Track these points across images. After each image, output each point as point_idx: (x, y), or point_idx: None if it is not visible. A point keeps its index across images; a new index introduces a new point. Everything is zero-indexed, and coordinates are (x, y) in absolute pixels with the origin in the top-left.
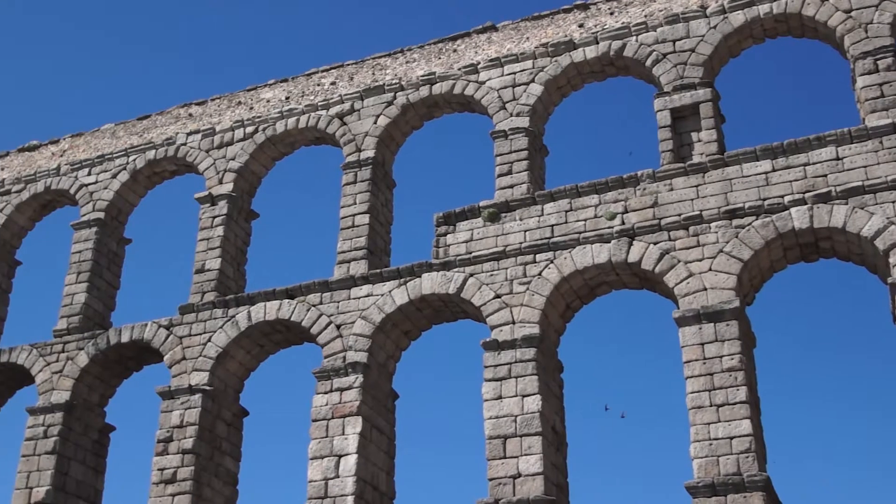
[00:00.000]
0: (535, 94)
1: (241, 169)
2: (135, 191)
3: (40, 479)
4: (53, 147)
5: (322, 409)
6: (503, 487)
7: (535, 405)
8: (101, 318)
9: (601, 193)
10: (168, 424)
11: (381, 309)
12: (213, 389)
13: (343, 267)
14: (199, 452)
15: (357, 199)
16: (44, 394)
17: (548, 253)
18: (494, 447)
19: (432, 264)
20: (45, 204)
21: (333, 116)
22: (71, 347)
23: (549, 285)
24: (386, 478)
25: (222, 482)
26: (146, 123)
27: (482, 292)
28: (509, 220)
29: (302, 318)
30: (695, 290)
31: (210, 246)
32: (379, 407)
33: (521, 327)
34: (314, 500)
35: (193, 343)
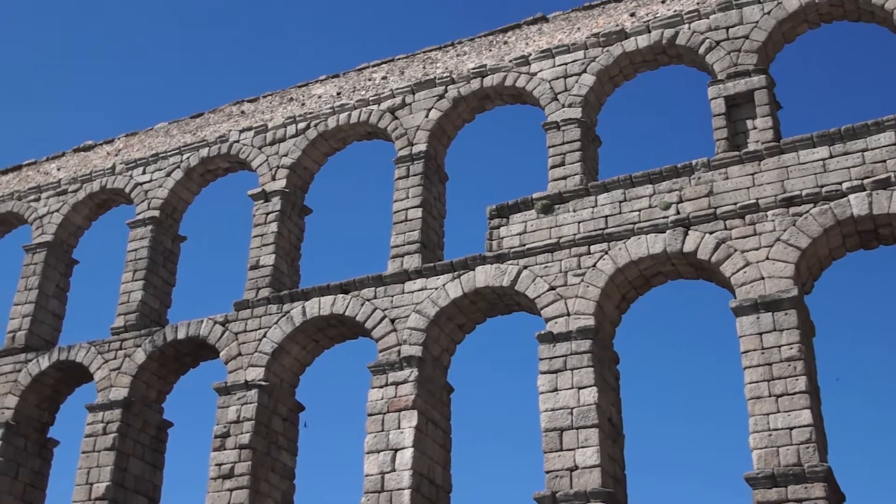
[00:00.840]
0: (588, 84)
1: (294, 165)
2: (189, 188)
3: (100, 475)
4: (108, 147)
5: (378, 403)
6: (560, 480)
7: (591, 397)
8: (157, 315)
9: (655, 183)
10: (225, 420)
11: (435, 303)
12: (268, 385)
13: (397, 261)
14: (256, 447)
15: (410, 194)
16: (102, 391)
17: (602, 244)
18: (551, 440)
19: (486, 257)
20: (101, 203)
21: (385, 111)
22: (128, 345)
23: (604, 276)
24: (442, 471)
25: (279, 477)
26: (199, 121)
27: (536, 284)
28: (563, 212)
29: (356, 313)
30: (752, 280)
31: (264, 242)
32: (434, 400)
33: (576, 319)
34: (371, 494)
35: (249, 339)
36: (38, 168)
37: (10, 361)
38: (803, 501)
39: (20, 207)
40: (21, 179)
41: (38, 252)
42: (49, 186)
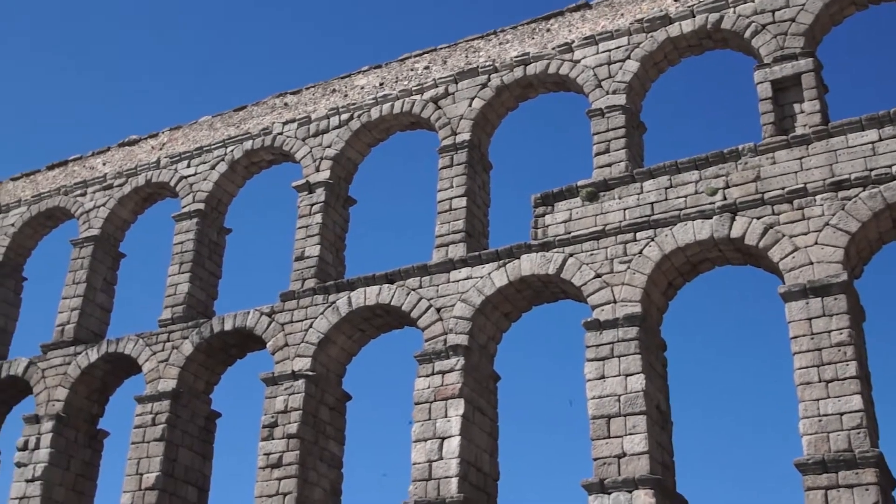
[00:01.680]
0: (632, 70)
1: (338, 156)
2: (233, 181)
3: (150, 465)
4: (153, 141)
5: (424, 392)
6: (608, 467)
7: (638, 384)
8: (204, 307)
9: (701, 169)
10: (273, 410)
11: (480, 291)
12: (315, 375)
13: (441, 250)
14: (304, 437)
15: (454, 183)
16: (151, 382)
17: (648, 231)
18: (598, 427)
19: (531, 245)
20: (147, 197)
21: (428, 101)
22: (176, 336)
23: (651, 263)
24: (489, 459)
25: (327, 466)
26: (242, 114)
27: (582, 272)
28: (608, 199)
29: (402, 303)
30: (801, 265)
31: (309, 233)
32: (481, 389)
33: (623, 306)
34: (419, 482)
35: (295, 329)
36: (84, 163)
37: (60, 354)
38: (854, 487)
39: (67, 202)
40: (67, 174)
41: (85, 246)
42: (95, 181)
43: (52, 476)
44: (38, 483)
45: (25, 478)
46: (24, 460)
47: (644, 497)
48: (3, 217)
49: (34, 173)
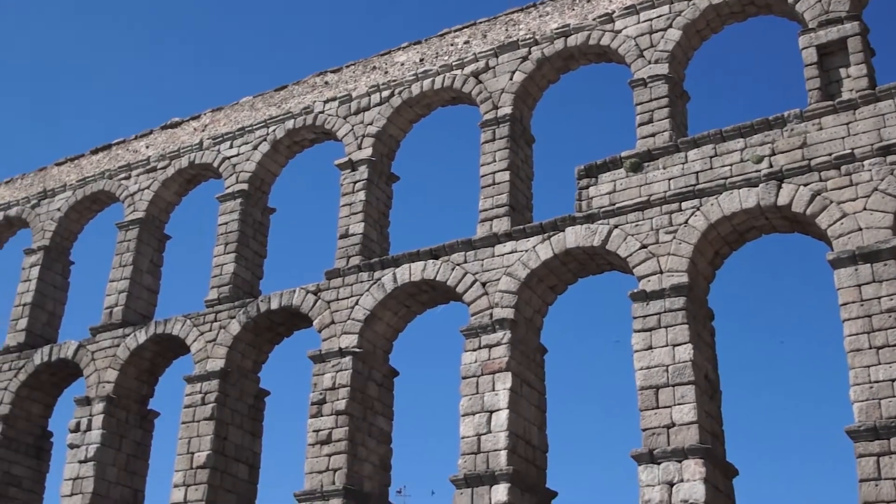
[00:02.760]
0: (674, 39)
1: (379, 133)
2: (276, 161)
3: (201, 444)
4: (195, 123)
5: (472, 366)
6: (657, 437)
7: (686, 354)
8: (249, 286)
9: (747, 137)
10: (321, 387)
11: (525, 265)
12: (362, 351)
13: (486, 225)
14: (353, 413)
15: (496, 157)
16: (199, 362)
17: (693, 200)
18: (647, 397)
19: (575, 217)
20: (190, 178)
21: (469, 75)
22: (223, 316)
23: (697, 233)
24: (538, 432)
25: (376, 441)
26: (283, 94)
27: (628, 243)
28: (652, 169)
29: (447, 278)
30: (849, 231)
31: (352, 211)
32: (528, 362)
33: (669, 276)
34: (468, 456)
35: (341, 307)
36: (128, 146)
37: (109, 336)
38: None
39: (111, 186)
40: (111, 158)
41: (130, 229)
42: (139, 164)
43: (105, 456)
44: (91, 464)
45: (78, 459)
46: (76, 442)
47: (694, 467)
48: (50, 202)
49: (79, 158)
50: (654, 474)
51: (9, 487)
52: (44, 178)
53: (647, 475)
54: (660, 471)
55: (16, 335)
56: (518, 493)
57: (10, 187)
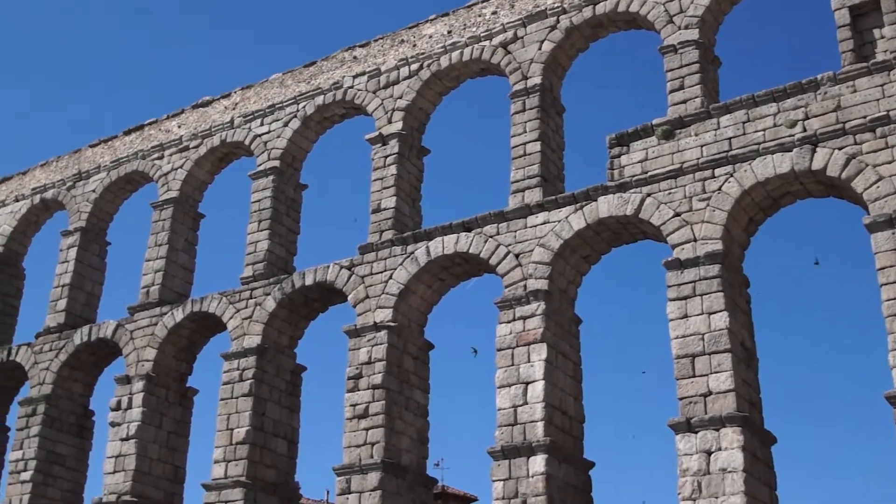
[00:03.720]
0: (704, 4)
1: (409, 107)
2: (307, 137)
3: (240, 420)
4: (225, 101)
5: (506, 338)
6: (694, 406)
7: (722, 322)
8: (284, 263)
9: (779, 101)
10: (357, 362)
11: (558, 235)
12: (397, 325)
13: (518, 196)
14: (389, 387)
15: (527, 128)
16: (236, 339)
17: (727, 167)
18: (683, 366)
19: (608, 187)
20: (222, 157)
21: (497, 46)
22: (258, 293)
23: (730, 200)
24: (574, 402)
25: (413, 414)
26: (312, 70)
27: (661, 211)
28: (684, 137)
29: (480, 250)
30: (885, 194)
31: (384, 185)
32: (563, 333)
33: (704, 244)
34: (504, 428)
35: (375, 281)
36: (160, 126)
37: (147, 315)
38: None
39: (145, 166)
40: (144, 138)
41: (165, 208)
42: (171, 144)
43: (146, 434)
44: (132, 441)
45: (120, 437)
46: (117, 420)
47: (732, 435)
48: (85, 183)
49: (112, 139)
50: (692, 443)
51: (53, 466)
52: (78, 159)
53: (685, 444)
54: (697, 439)
55: (56, 316)
56: (555, 463)
57: (46, 170)
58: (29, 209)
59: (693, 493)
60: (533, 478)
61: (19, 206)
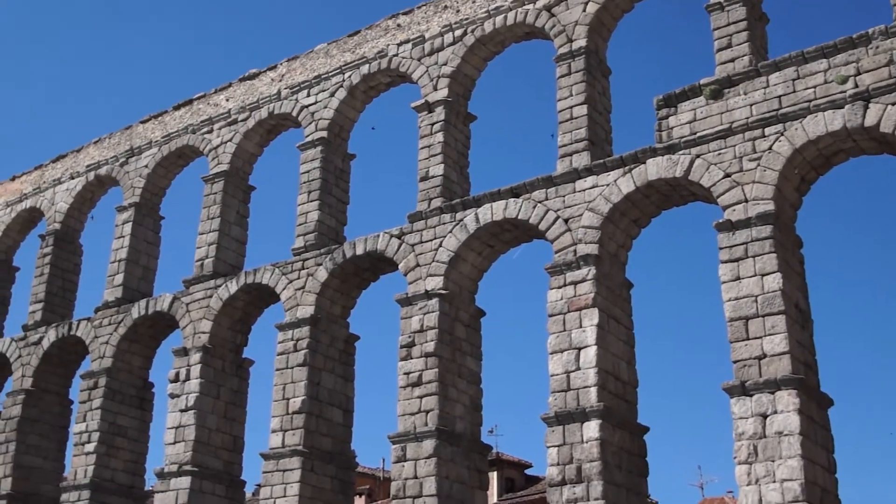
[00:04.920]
0: None
1: (454, 73)
2: (353, 106)
3: (295, 390)
4: (272, 73)
5: (558, 303)
6: (748, 369)
7: (775, 283)
8: (334, 233)
9: (830, 57)
10: (409, 330)
11: (607, 199)
12: (448, 293)
13: (565, 160)
14: (441, 355)
15: (573, 91)
16: (290, 310)
17: (777, 125)
18: (736, 329)
19: (656, 149)
20: (270, 129)
21: (541, 9)
22: (310, 264)
23: (781, 159)
24: (627, 367)
25: (466, 382)
26: (357, 39)
27: (711, 173)
28: (733, 96)
29: (529, 216)
30: None
31: (432, 153)
32: (614, 297)
33: (755, 205)
34: (558, 394)
35: (425, 249)
36: (208, 100)
37: (202, 288)
38: None
39: (195, 140)
40: (193, 113)
41: (216, 182)
42: (220, 117)
43: (204, 405)
44: (191, 412)
45: (179, 408)
46: (176, 391)
47: (787, 397)
48: (137, 159)
49: (162, 114)
50: (747, 406)
51: (115, 437)
52: (130, 136)
53: (740, 408)
54: (752, 403)
55: (113, 290)
56: (610, 428)
57: (99, 147)
58: (84, 186)
59: (749, 456)
60: (587, 443)
61: (74, 183)
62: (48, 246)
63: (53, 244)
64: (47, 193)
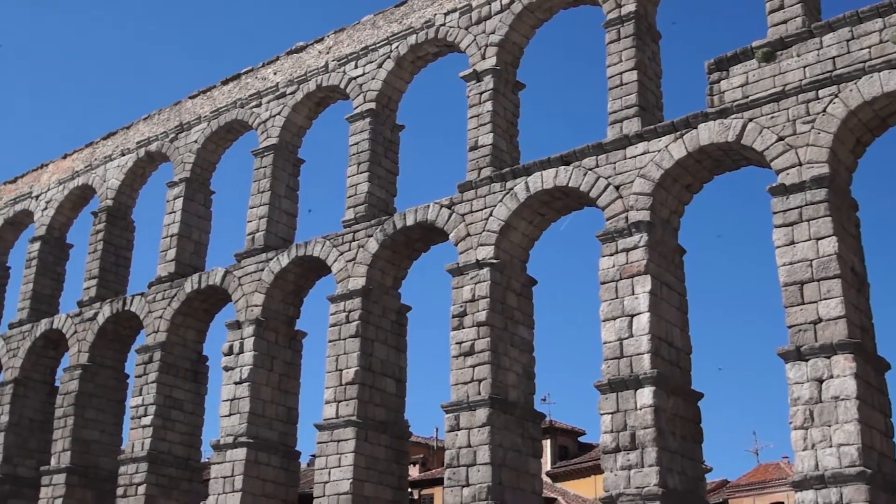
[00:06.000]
0: None
1: (502, 41)
2: (401, 77)
3: (348, 361)
4: (319, 45)
5: (609, 271)
6: (804, 334)
7: (831, 247)
8: (384, 204)
9: (885, 16)
10: (460, 300)
11: (658, 165)
12: (499, 262)
13: (616, 127)
14: (493, 324)
15: (623, 57)
16: (341, 282)
17: (831, 87)
18: (791, 294)
19: (708, 113)
20: (319, 101)
21: None
22: (360, 235)
23: (836, 121)
24: (680, 333)
25: (518, 350)
26: (403, 9)
27: (763, 136)
28: (786, 58)
29: (580, 183)
30: None
31: (480, 122)
32: (666, 264)
33: (809, 168)
34: (611, 361)
35: (476, 219)
36: (256, 74)
37: (253, 262)
38: None
39: (244, 115)
40: (241, 87)
41: (265, 155)
42: (268, 91)
43: (258, 377)
44: (245, 385)
45: (234, 380)
46: (230, 364)
47: (843, 362)
48: (186, 134)
49: (210, 89)
50: (803, 371)
51: (171, 410)
52: (179, 111)
53: (795, 373)
54: (808, 368)
55: (166, 265)
56: (663, 395)
57: (149, 123)
58: (135, 162)
59: (805, 421)
60: (641, 410)
61: (125, 159)
62: (101, 223)
63: (106, 221)
64: (99, 170)
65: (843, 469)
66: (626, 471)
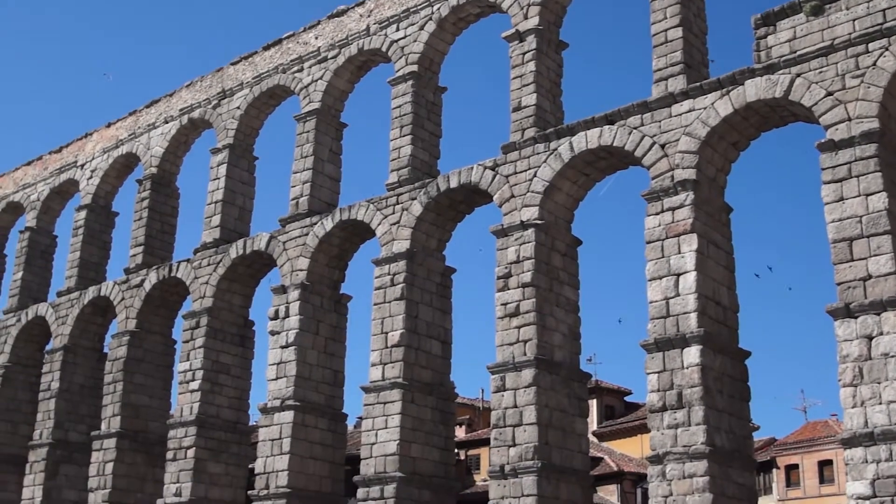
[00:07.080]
0: None
1: (545, 1)
2: (443, 39)
3: (393, 324)
4: (360, 9)
5: (655, 230)
6: (853, 291)
7: (881, 203)
8: (428, 167)
9: None
10: (505, 261)
11: (704, 123)
12: (544, 223)
13: (661, 85)
14: (538, 285)
15: (667, 13)
16: (385, 245)
17: (882, 40)
18: (840, 250)
19: (754, 69)
20: (361, 65)
21: None
22: (404, 198)
23: (886, 75)
24: (727, 292)
25: (564, 311)
26: None
27: (812, 92)
28: (835, 11)
29: (624, 142)
30: None
31: (524, 83)
32: (713, 222)
33: (859, 123)
34: (657, 320)
35: (520, 180)
36: (297, 39)
37: (298, 226)
38: None
39: (286, 80)
40: (283, 53)
41: (308, 120)
42: (310, 56)
43: (304, 341)
44: (291, 348)
45: (280, 344)
46: (276, 328)
47: (893, 319)
48: (229, 101)
49: (252, 55)
50: (852, 329)
51: (219, 375)
52: (221, 78)
53: (844, 330)
54: (857, 325)
55: (211, 231)
56: (710, 354)
57: (191, 90)
58: (178, 129)
59: (854, 379)
60: (688, 369)
61: (169, 127)
62: (146, 190)
63: (151, 188)
64: (142, 138)
65: (892, 426)
66: (673, 430)
